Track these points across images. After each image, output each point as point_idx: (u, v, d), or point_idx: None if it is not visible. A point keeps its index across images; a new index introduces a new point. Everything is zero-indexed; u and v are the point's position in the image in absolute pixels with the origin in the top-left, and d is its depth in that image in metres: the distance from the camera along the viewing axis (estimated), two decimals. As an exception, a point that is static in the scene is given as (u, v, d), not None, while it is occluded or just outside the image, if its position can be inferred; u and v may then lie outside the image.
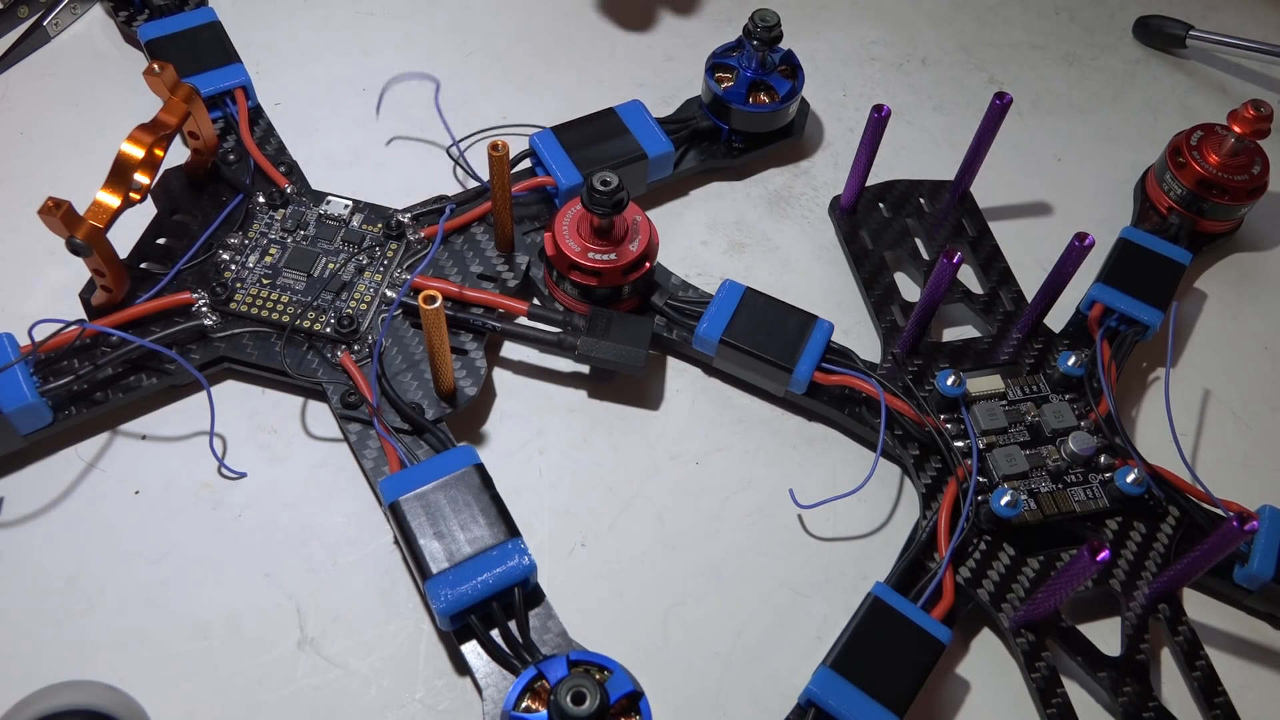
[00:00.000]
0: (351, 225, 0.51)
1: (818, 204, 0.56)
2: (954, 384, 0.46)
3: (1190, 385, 0.52)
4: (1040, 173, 0.59)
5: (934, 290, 0.46)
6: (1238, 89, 0.63)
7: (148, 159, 0.46)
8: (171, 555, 0.44)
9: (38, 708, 0.36)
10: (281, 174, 0.52)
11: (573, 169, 0.52)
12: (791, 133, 0.57)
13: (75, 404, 0.46)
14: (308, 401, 0.49)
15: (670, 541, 0.46)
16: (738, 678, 0.43)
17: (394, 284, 0.50)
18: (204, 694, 0.41)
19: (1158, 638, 0.44)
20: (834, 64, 0.63)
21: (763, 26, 0.53)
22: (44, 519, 0.45)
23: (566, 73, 0.61)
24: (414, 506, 0.42)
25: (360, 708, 0.41)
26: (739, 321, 0.48)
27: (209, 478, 0.46)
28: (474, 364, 0.48)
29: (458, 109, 0.58)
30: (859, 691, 0.39)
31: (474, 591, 0.40)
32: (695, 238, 0.55)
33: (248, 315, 0.48)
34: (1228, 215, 0.54)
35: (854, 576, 0.45)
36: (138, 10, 0.59)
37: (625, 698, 0.38)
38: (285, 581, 0.44)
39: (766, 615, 0.45)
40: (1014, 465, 0.45)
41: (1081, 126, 0.61)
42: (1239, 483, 0.49)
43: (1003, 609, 0.43)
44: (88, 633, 0.43)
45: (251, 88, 0.55)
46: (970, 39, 0.64)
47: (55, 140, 0.56)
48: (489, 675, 0.40)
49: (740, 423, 0.49)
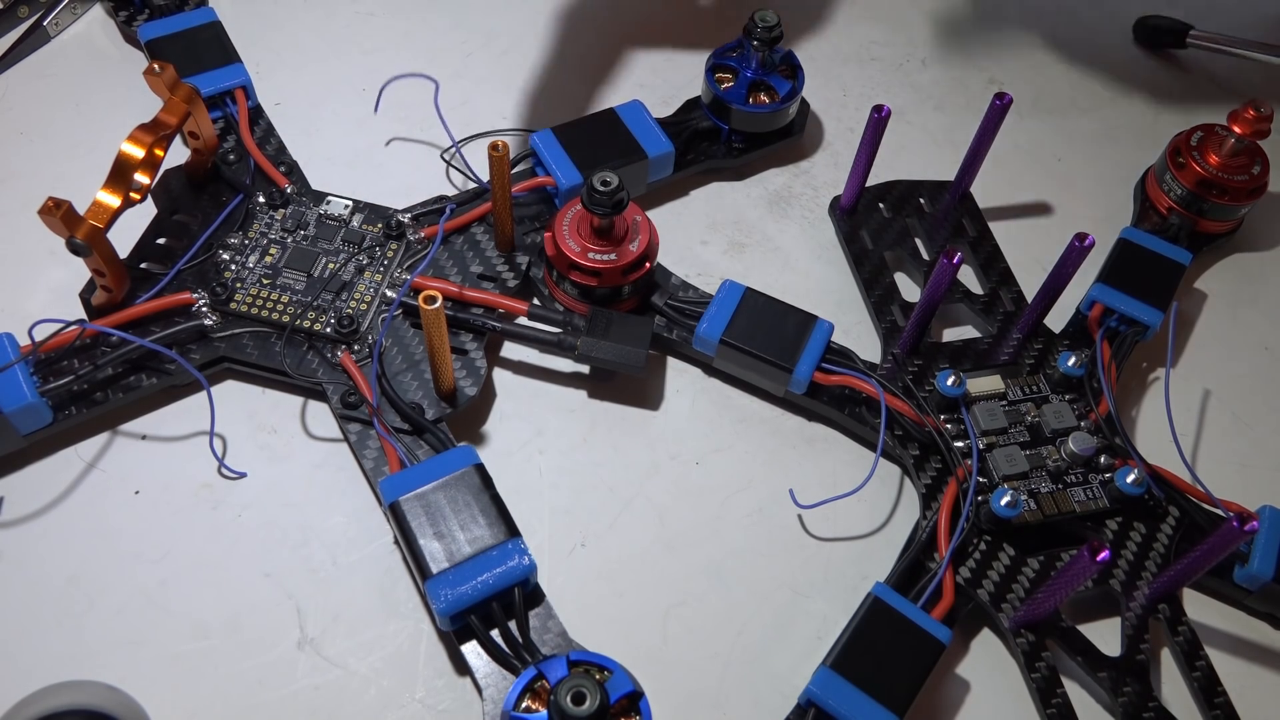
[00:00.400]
0: (351, 225, 0.51)
1: (818, 204, 0.56)
2: (953, 384, 0.46)
3: (1190, 385, 0.52)
4: (1040, 173, 0.59)
5: (934, 290, 0.46)
6: (1238, 89, 0.63)
7: (148, 159, 0.46)
8: (171, 555, 0.44)
9: (38, 708, 0.36)
10: (281, 174, 0.52)
11: (573, 169, 0.52)
12: (791, 133, 0.57)
13: (75, 404, 0.46)
14: (308, 401, 0.49)
15: (670, 541, 0.46)
16: (738, 678, 0.43)
17: (394, 284, 0.50)
18: (204, 694, 0.41)
19: (1158, 638, 0.44)
20: (834, 64, 0.63)
21: (763, 27, 0.53)
22: (44, 519, 0.45)
23: (566, 73, 0.61)
24: (414, 506, 0.42)
25: (360, 708, 0.41)
26: (739, 321, 0.48)
27: (209, 478, 0.46)
28: (474, 364, 0.48)
29: (458, 109, 0.58)
30: (859, 691, 0.39)
31: (474, 591, 0.40)
32: (695, 238, 0.55)
33: (248, 315, 0.48)
34: (1228, 215, 0.54)
35: (854, 576, 0.45)
36: (138, 10, 0.59)
37: (625, 698, 0.38)
38: (285, 581, 0.44)
39: (766, 615, 0.45)
40: (1014, 465, 0.45)
41: (1081, 126, 0.61)
42: (1239, 483, 0.49)
43: (1003, 609, 0.43)
44: (88, 633, 0.43)
45: (251, 88, 0.55)
46: (970, 39, 0.64)
47: (55, 140, 0.56)
48: (489, 675, 0.40)
49: (740, 423, 0.49)
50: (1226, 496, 0.45)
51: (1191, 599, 0.45)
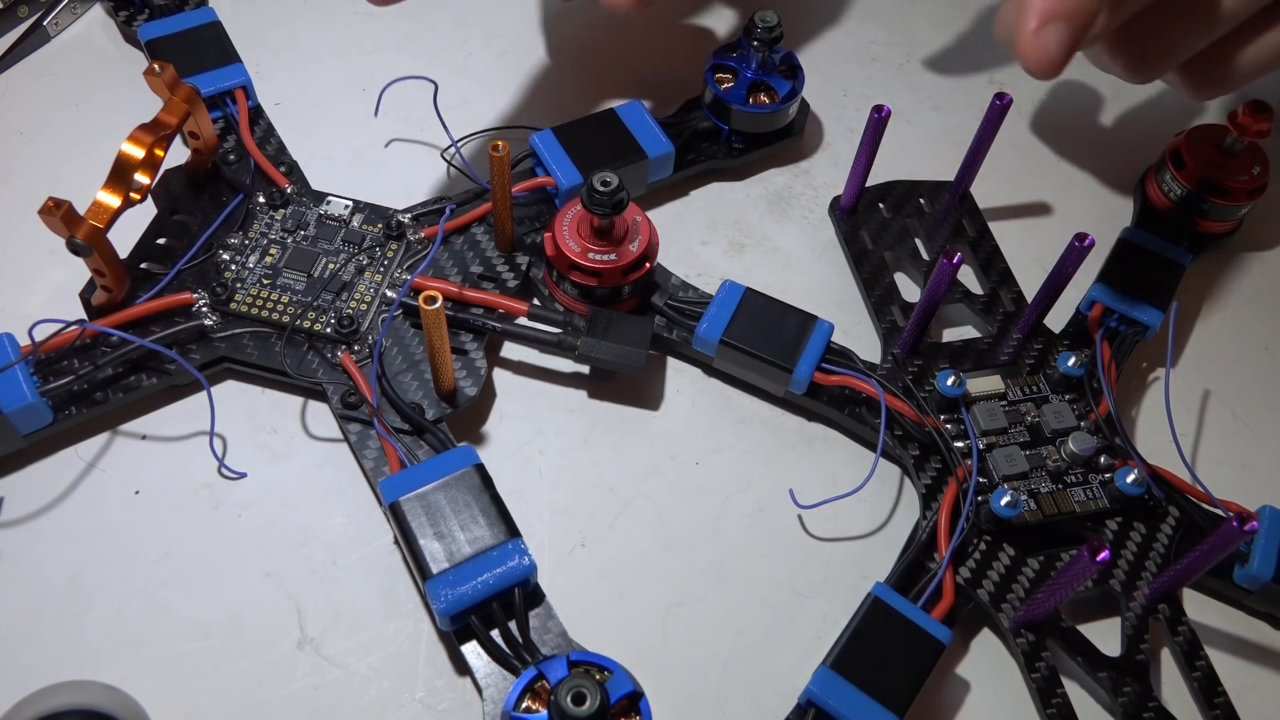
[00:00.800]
0: (352, 225, 0.51)
1: (818, 204, 0.56)
2: (953, 384, 0.46)
3: (1190, 385, 0.52)
4: (1040, 173, 0.59)
5: (934, 290, 0.46)
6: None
7: (148, 159, 0.46)
8: (171, 555, 0.44)
9: (38, 708, 0.36)
10: (281, 174, 0.52)
11: (573, 169, 0.52)
12: (791, 133, 0.57)
13: (75, 404, 0.46)
14: (308, 401, 0.49)
15: (670, 541, 0.46)
16: (738, 678, 0.43)
17: (394, 284, 0.50)
18: (204, 694, 0.41)
19: (1158, 638, 0.44)
20: (834, 64, 0.63)
21: (763, 27, 0.53)
22: (44, 519, 0.45)
23: (566, 73, 0.61)
24: (414, 507, 0.42)
25: (360, 708, 0.41)
26: (739, 322, 0.48)
27: (209, 478, 0.46)
28: (474, 364, 0.48)
29: (458, 109, 0.58)
30: (859, 691, 0.39)
31: (474, 592, 0.40)
32: (695, 238, 0.55)
33: (248, 315, 0.48)
34: (1228, 216, 0.54)
35: (854, 577, 0.45)
36: (138, 10, 0.59)
37: (625, 698, 0.38)
38: (285, 581, 0.44)
39: (766, 615, 0.45)
40: (1014, 465, 0.45)
41: (1081, 127, 0.61)
42: (1239, 483, 0.49)
43: (1002, 609, 0.43)
44: (88, 633, 0.43)
45: (251, 88, 0.55)
46: (970, 39, 0.64)
47: (55, 140, 0.56)
48: (489, 675, 0.40)
49: (740, 423, 0.49)
50: (1227, 497, 0.45)
51: (1191, 599, 0.45)
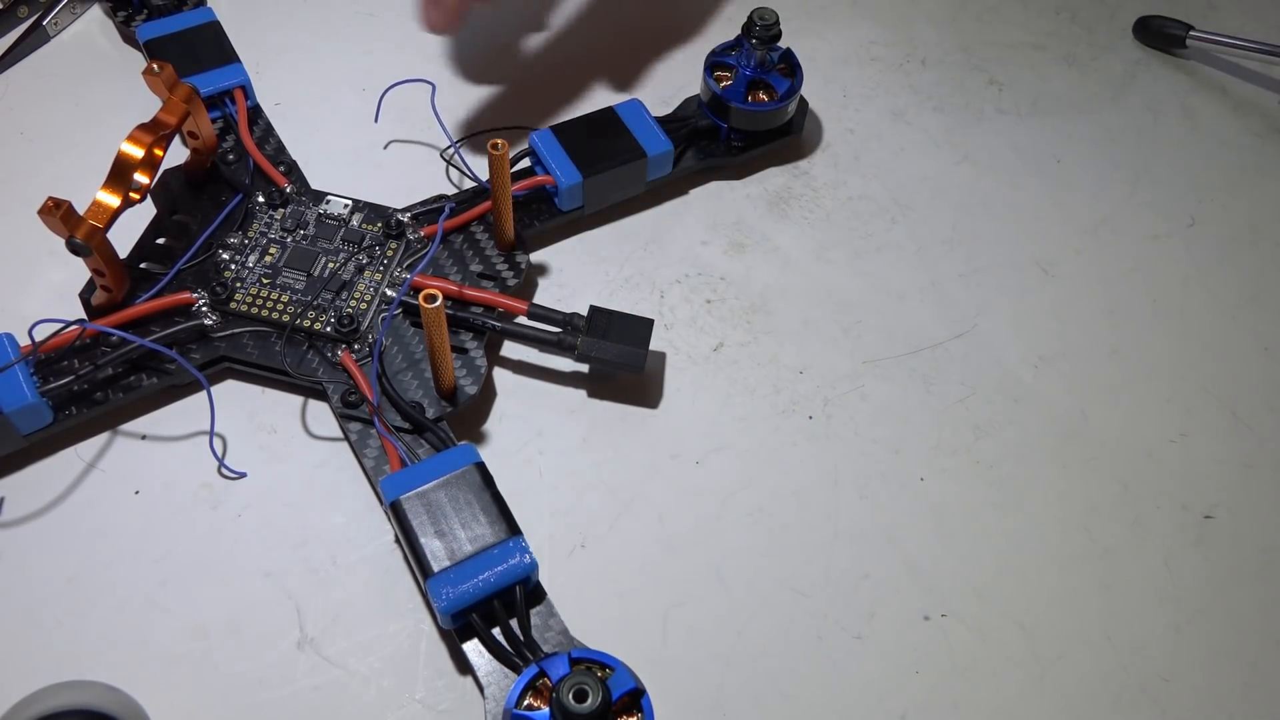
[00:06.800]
0: (351, 225, 0.51)
1: (818, 204, 0.56)
2: None
3: (1190, 385, 0.52)
4: (1040, 173, 0.59)
5: None
6: (1238, 89, 0.63)
7: (147, 159, 0.46)
8: (171, 555, 0.44)
9: (38, 708, 0.36)
10: (281, 173, 0.52)
11: (572, 168, 0.52)
12: (791, 131, 0.57)
13: (75, 404, 0.46)
14: (308, 401, 0.48)
15: (670, 542, 0.46)
16: (738, 678, 0.43)
17: (394, 283, 0.49)
18: (204, 694, 0.41)
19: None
20: (834, 64, 0.63)
21: (761, 25, 0.53)
22: (44, 519, 0.45)
23: (566, 72, 0.61)
24: (415, 505, 0.42)
25: (360, 708, 0.41)
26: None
27: (209, 478, 0.46)
28: (474, 363, 0.47)
29: (457, 109, 0.58)
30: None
31: (475, 590, 0.40)
32: (695, 238, 0.55)
33: (248, 315, 0.48)
34: None
35: (855, 576, 0.45)
36: (137, 10, 0.59)
37: (627, 695, 0.38)
38: (285, 581, 0.44)
39: (766, 615, 0.44)
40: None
41: (1081, 127, 0.61)
42: (1239, 482, 0.48)
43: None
44: (88, 633, 0.42)
45: (251, 87, 0.55)
46: (970, 39, 0.64)
47: (55, 140, 0.56)
48: (491, 674, 0.40)
49: (740, 422, 0.49)
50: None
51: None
